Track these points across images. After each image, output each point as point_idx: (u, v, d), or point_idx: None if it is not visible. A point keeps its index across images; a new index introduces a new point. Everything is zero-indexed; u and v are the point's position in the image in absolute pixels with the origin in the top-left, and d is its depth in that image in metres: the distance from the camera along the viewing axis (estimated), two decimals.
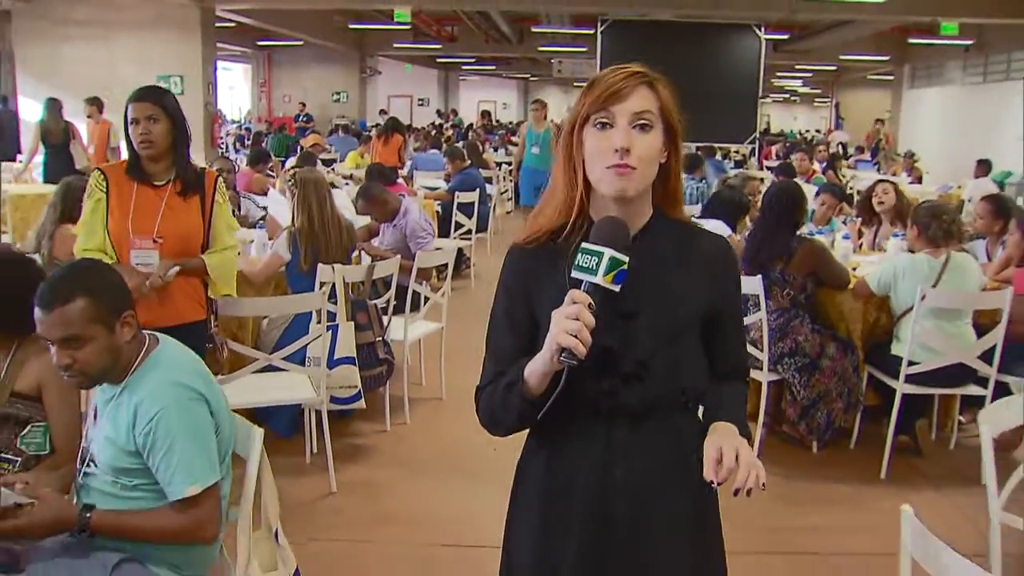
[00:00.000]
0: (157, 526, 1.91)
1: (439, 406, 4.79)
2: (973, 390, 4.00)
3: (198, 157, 9.62)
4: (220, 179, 3.25)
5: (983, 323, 4.05)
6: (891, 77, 23.46)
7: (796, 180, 5.47)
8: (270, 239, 4.56)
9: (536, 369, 1.44)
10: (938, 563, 1.59)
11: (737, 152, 16.43)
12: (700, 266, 1.57)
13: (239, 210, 5.98)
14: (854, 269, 4.47)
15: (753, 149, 16.11)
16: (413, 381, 4.95)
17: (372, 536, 3.40)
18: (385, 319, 4.28)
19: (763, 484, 1.40)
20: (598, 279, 1.39)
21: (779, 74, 29.11)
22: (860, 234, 5.49)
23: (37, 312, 1.90)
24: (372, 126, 18.84)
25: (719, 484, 1.41)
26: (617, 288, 1.40)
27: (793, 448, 4.29)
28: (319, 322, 3.67)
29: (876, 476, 3.98)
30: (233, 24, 16.37)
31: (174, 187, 3.08)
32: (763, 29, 12.97)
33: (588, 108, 1.48)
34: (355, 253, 4.44)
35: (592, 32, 13.55)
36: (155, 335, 2.05)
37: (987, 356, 3.91)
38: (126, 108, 3.04)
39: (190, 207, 3.10)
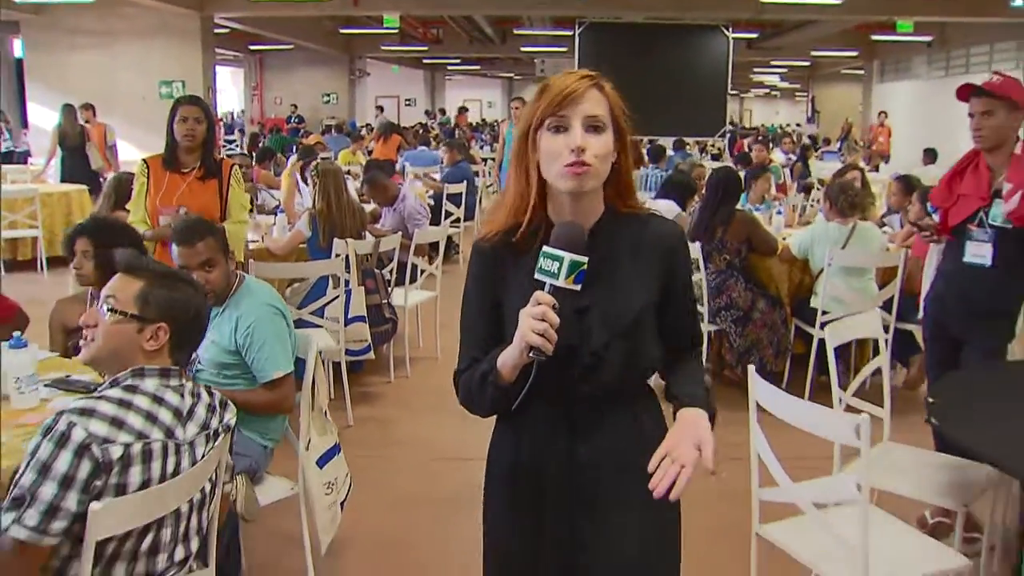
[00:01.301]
0: (255, 400, 2.73)
1: (434, 363, 5.62)
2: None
3: None
4: (235, 167, 4.10)
5: (888, 281, 4.89)
6: (862, 72, 24.33)
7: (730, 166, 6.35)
8: (289, 223, 5.39)
9: (507, 362, 1.54)
10: (776, 403, 2.42)
11: (713, 146, 17.32)
12: (651, 252, 1.64)
13: (257, 199, 6.80)
14: (784, 239, 5.31)
15: (728, 142, 17.00)
16: (412, 343, 5.77)
17: (383, 454, 4.22)
18: (389, 287, 5.11)
19: (708, 468, 1.49)
20: (560, 282, 1.47)
21: (756, 70, 29.93)
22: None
23: (179, 248, 2.72)
24: (363, 126, 19.63)
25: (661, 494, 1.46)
26: (578, 287, 1.49)
27: (734, 391, 5.10)
28: (335, 287, 4.50)
29: None
30: (227, 30, 17.10)
31: (196, 173, 3.95)
32: (731, 29, 13.76)
33: (542, 112, 1.54)
34: (363, 233, 5.26)
35: (572, 33, 14.35)
36: (242, 273, 2.89)
37: (888, 307, 4.75)
38: (174, 108, 3.89)
39: (208, 188, 3.96)
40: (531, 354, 1.48)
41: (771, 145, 15.32)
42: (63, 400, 2.43)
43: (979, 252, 3.16)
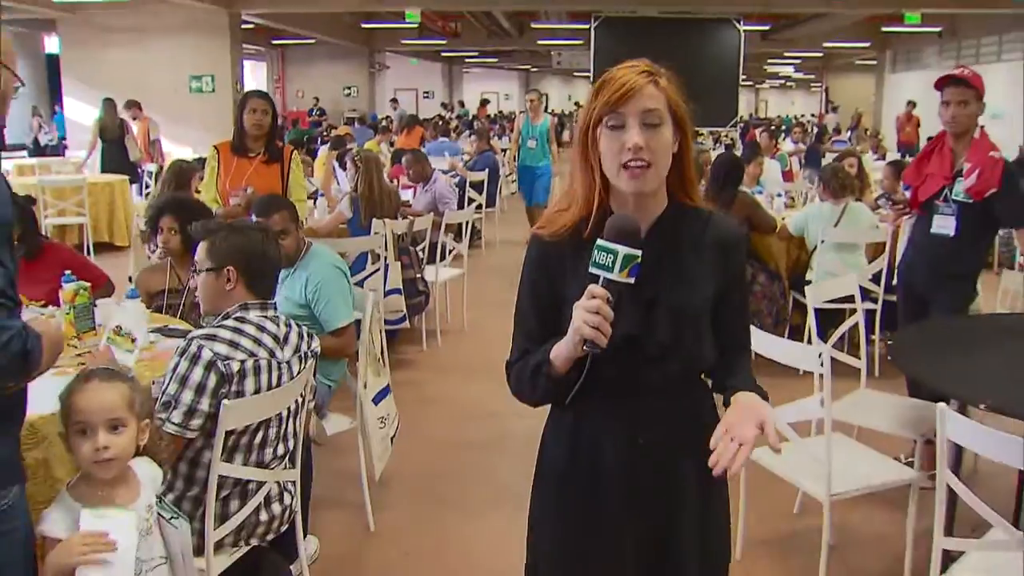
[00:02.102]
0: (323, 345, 3.21)
1: (462, 335, 6.13)
2: (868, 305, 5.29)
3: None
4: (295, 152, 4.60)
5: (878, 256, 5.34)
6: (875, 62, 24.63)
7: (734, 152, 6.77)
8: (329, 207, 5.91)
9: (561, 354, 1.55)
10: (756, 340, 2.90)
11: (727, 136, 17.73)
12: (712, 250, 1.64)
13: None
14: (783, 219, 5.77)
15: (741, 132, 17.41)
16: (442, 318, 6.28)
17: (419, 410, 4.71)
18: (422, 264, 5.62)
19: (776, 448, 1.51)
20: (614, 275, 1.47)
21: (770, 61, 30.21)
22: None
23: (258, 219, 3.22)
24: (383, 118, 20.16)
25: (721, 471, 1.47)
26: (632, 281, 1.49)
27: None
28: (374, 262, 5.01)
29: (795, 373, 5.27)
30: (252, 25, 17.63)
31: (262, 158, 4.42)
32: (742, 22, 14.15)
33: (600, 111, 1.55)
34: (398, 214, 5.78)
35: (588, 26, 14.77)
36: (309, 240, 3.40)
37: (878, 280, 5.20)
38: (244, 101, 4.38)
39: (272, 171, 4.44)
40: (585, 347, 1.49)
41: (783, 135, 15.74)
42: (166, 342, 2.94)
43: (944, 224, 3.62)
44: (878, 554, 3.26)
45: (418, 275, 5.44)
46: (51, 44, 18.83)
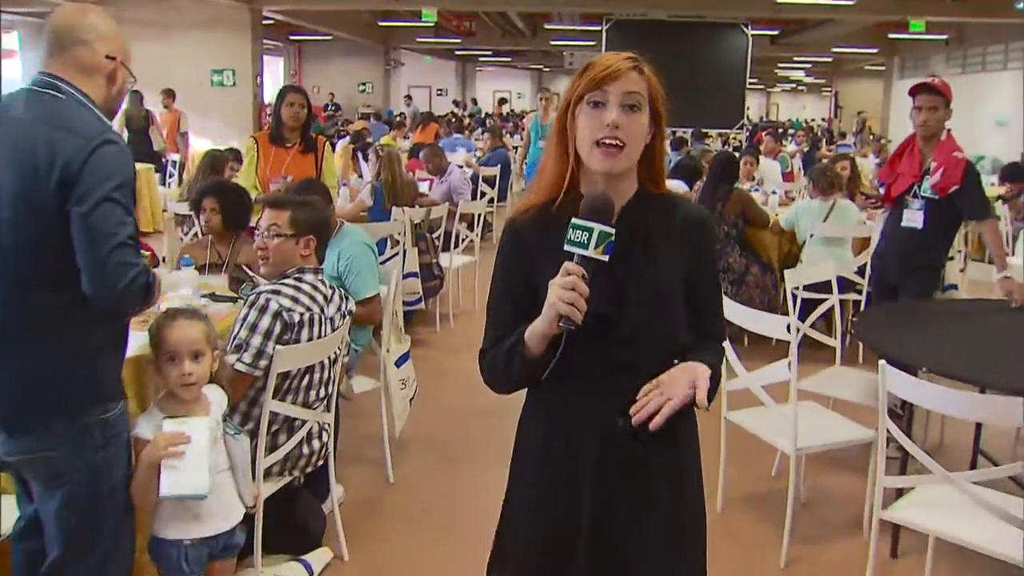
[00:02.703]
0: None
1: (473, 317, 6.52)
2: (853, 296, 5.66)
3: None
4: (327, 143, 4.98)
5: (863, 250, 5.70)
6: (884, 68, 24.92)
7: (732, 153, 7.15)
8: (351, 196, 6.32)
9: (536, 332, 1.57)
10: (730, 309, 3.28)
11: (735, 139, 18.10)
12: (681, 235, 1.67)
13: None
14: (777, 215, 6.14)
15: (749, 135, 17.76)
16: (455, 302, 6.68)
17: (433, 383, 5.10)
18: (438, 250, 6.02)
19: (702, 404, 1.55)
20: (589, 252, 1.51)
21: (780, 65, 30.49)
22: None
23: None
24: (397, 115, 20.58)
25: (636, 424, 1.54)
26: (606, 258, 1.52)
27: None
28: (393, 247, 5.41)
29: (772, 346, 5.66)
30: (271, 21, 18.05)
31: (298, 148, 4.81)
32: (750, 26, 14.51)
33: (583, 88, 1.58)
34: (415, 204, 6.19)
35: (600, 28, 15.15)
36: (341, 219, 3.80)
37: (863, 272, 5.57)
38: (282, 94, 4.78)
39: (307, 160, 4.82)
40: (561, 323, 1.52)
41: (789, 138, 16.12)
42: (215, 306, 3.34)
43: (913, 218, 4.00)
44: (844, 508, 3.64)
45: (434, 260, 5.84)
46: None
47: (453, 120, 18.20)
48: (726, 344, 1.94)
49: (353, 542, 3.23)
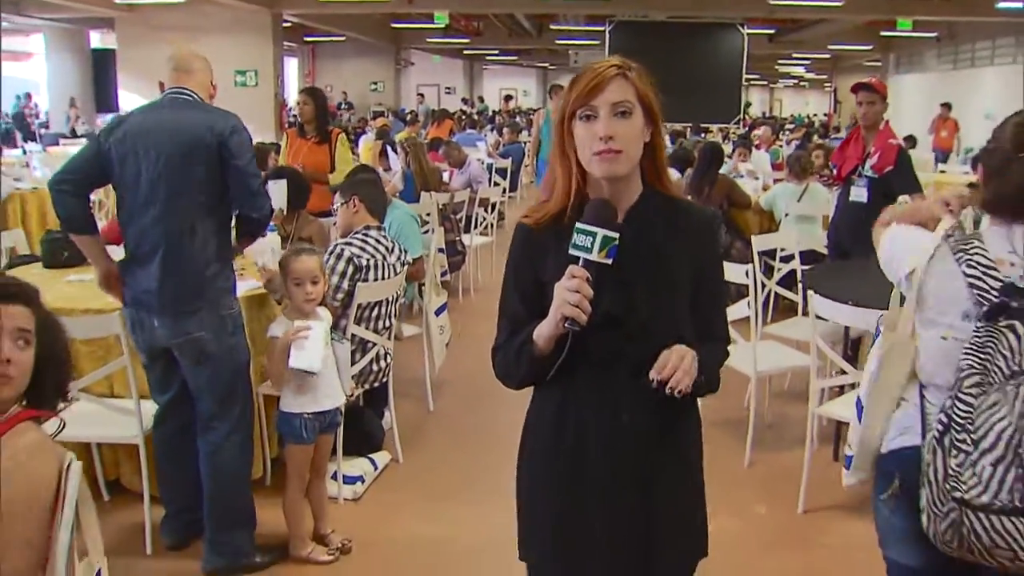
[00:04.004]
0: None
1: (489, 291, 7.40)
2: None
3: (269, 136, 11.95)
4: (341, 135, 5.89)
5: None
6: (880, 64, 25.67)
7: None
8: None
9: (543, 333, 1.64)
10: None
11: (734, 133, 18.91)
12: (687, 236, 1.71)
13: None
14: (758, 197, 6.98)
15: (748, 129, 18.57)
16: (474, 279, 7.54)
17: (459, 340, 5.93)
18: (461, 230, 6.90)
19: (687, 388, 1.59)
20: (593, 256, 1.56)
21: (780, 61, 31.24)
22: None
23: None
24: (409, 112, 21.44)
25: (660, 383, 1.57)
26: (610, 262, 1.57)
27: None
28: (423, 226, 6.26)
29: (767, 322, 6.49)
30: (288, 24, 18.87)
31: (314, 139, 5.73)
32: (745, 26, 15.33)
33: (573, 104, 1.62)
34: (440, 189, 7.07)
35: (603, 28, 15.98)
36: (391, 196, 4.67)
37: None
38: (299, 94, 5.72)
39: (322, 149, 5.72)
40: (566, 324, 1.58)
41: (786, 132, 16.94)
42: None
43: (859, 194, 4.83)
44: (800, 429, 4.40)
45: (457, 238, 6.70)
46: (94, 40, 20.17)
47: (464, 117, 19.12)
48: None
49: (405, 450, 4.11)
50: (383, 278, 3.66)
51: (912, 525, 1.85)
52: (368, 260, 3.64)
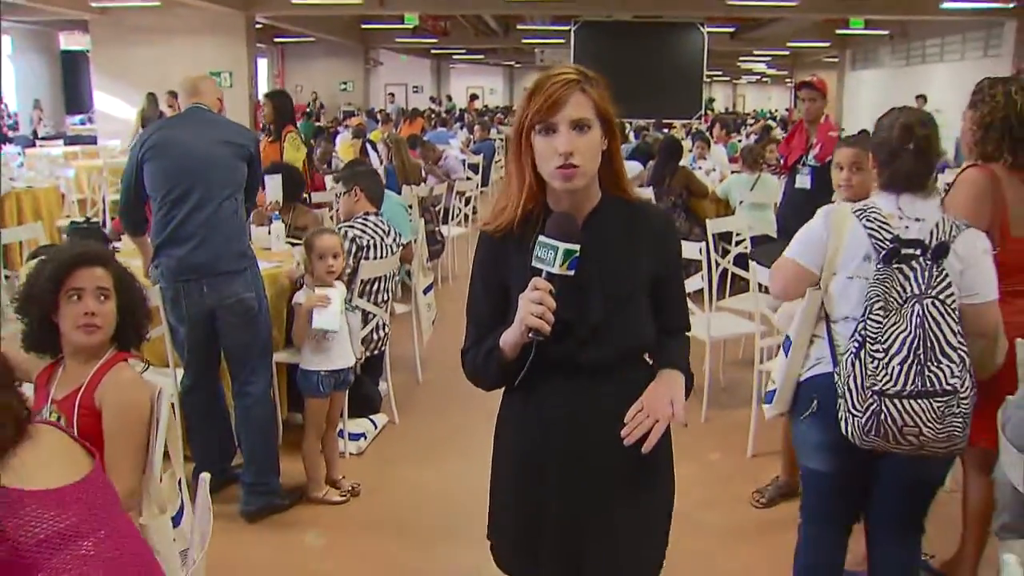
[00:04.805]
0: None
1: (467, 280, 7.83)
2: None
3: None
4: (291, 134, 6.29)
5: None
6: (837, 60, 26.40)
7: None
8: None
9: (508, 341, 1.71)
10: None
11: (697, 128, 19.52)
12: (645, 239, 1.76)
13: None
14: (714, 187, 7.53)
15: (709, 125, 19.17)
16: (452, 268, 8.02)
17: (442, 321, 6.42)
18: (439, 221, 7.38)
19: (684, 423, 1.70)
20: (555, 269, 1.62)
21: (742, 59, 31.90)
22: None
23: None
24: (379, 111, 21.81)
25: (632, 443, 1.65)
26: (572, 273, 1.63)
27: None
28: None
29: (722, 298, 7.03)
30: (259, 25, 19.12)
31: (270, 138, 6.28)
32: (705, 25, 15.88)
33: (532, 118, 1.65)
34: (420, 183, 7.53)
35: (569, 28, 16.44)
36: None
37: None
38: None
39: (275, 147, 6.22)
40: (530, 335, 1.63)
41: (743, 127, 17.59)
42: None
43: (803, 181, 5.37)
44: (751, 390, 5.00)
45: (436, 229, 7.18)
46: (65, 42, 20.29)
47: (433, 116, 19.58)
48: None
49: (400, 413, 4.60)
50: (382, 257, 4.15)
51: (825, 438, 2.44)
52: (369, 240, 4.13)
